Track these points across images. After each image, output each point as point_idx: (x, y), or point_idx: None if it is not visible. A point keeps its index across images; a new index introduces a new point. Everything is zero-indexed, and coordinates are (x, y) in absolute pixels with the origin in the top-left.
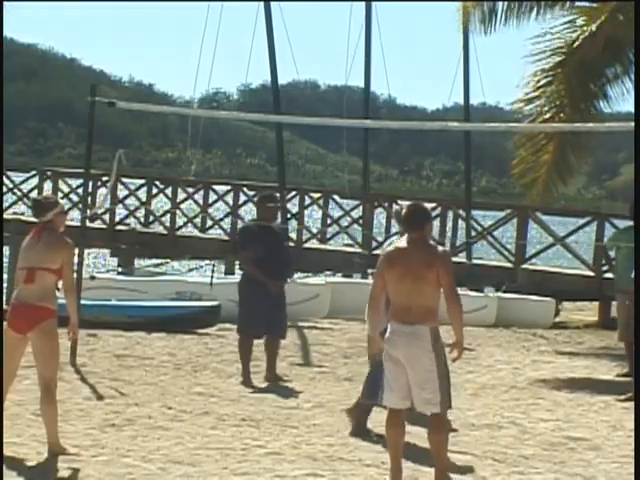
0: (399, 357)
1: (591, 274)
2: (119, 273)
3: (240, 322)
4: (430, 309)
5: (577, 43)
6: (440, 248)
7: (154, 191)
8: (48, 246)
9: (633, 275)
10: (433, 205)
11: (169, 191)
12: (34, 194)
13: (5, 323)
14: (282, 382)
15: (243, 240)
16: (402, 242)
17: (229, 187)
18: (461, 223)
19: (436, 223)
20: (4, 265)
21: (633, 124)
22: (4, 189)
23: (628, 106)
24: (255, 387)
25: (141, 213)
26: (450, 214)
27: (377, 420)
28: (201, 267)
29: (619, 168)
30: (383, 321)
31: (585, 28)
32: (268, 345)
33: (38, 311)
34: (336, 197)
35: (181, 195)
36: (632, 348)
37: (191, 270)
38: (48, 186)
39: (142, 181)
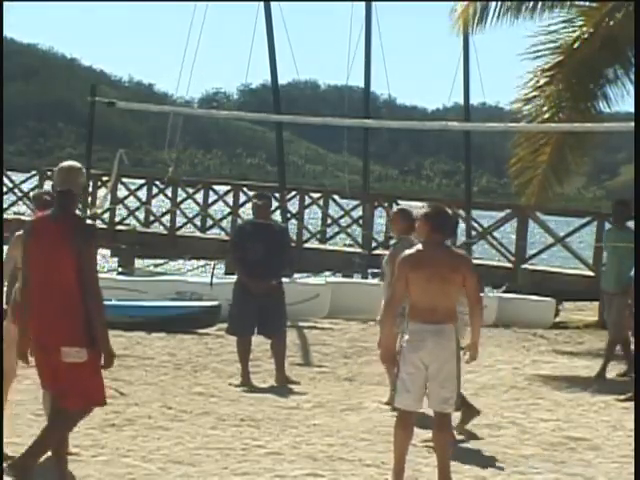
0: (421, 359)
1: (591, 274)
2: (119, 273)
3: (228, 322)
4: (453, 309)
5: (576, 43)
6: (461, 252)
7: (154, 191)
8: None
9: (614, 277)
10: None
11: (169, 191)
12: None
13: (7, 321)
14: (291, 384)
15: (233, 239)
16: (419, 245)
17: (229, 187)
18: (461, 223)
19: None
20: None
21: (632, 124)
22: (4, 189)
23: (627, 106)
24: (255, 387)
25: (141, 214)
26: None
27: (378, 420)
28: (199, 267)
29: (619, 168)
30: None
31: (584, 28)
32: (272, 347)
33: None
34: (336, 197)
35: (181, 195)
36: (629, 346)
37: (190, 270)
38: (48, 186)
39: (142, 181)
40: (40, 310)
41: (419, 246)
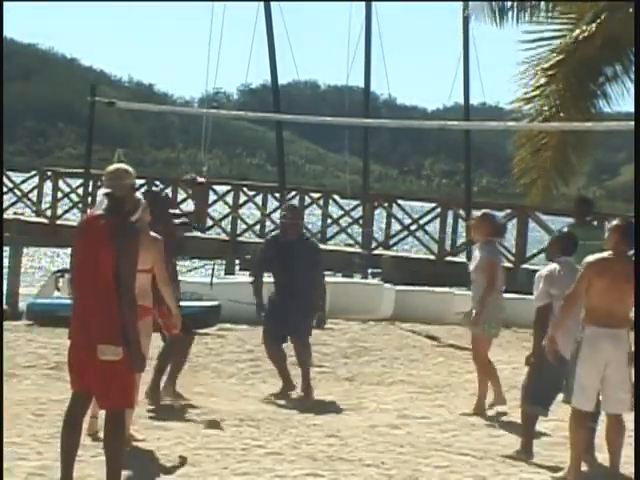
0: (598, 361)
1: None
2: None
3: (263, 333)
4: (628, 315)
5: (576, 41)
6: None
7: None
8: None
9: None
10: (433, 205)
11: (169, 191)
12: (34, 194)
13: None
14: (312, 396)
15: (261, 252)
16: (604, 253)
17: (229, 187)
18: (461, 223)
19: (436, 223)
20: (4, 265)
21: (632, 124)
22: (4, 189)
23: (628, 106)
24: (256, 387)
25: None
26: (450, 214)
27: (378, 420)
28: (201, 267)
29: (619, 168)
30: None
31: (584, 27)
32: (297, 356)
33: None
34: (336, 197)
35: (181, 195)
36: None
37: (190, 271)
38: (48, 186)
39: (143, 181)
40: (81, 307)
41: (605, 254)
